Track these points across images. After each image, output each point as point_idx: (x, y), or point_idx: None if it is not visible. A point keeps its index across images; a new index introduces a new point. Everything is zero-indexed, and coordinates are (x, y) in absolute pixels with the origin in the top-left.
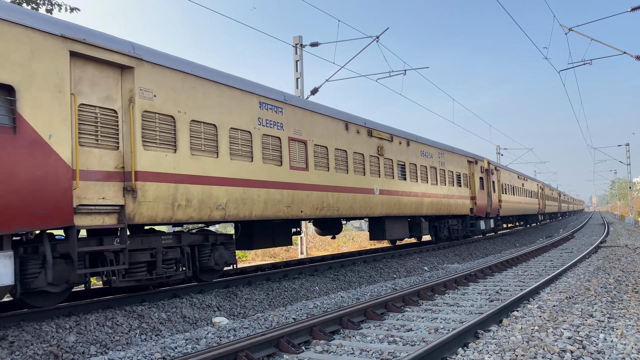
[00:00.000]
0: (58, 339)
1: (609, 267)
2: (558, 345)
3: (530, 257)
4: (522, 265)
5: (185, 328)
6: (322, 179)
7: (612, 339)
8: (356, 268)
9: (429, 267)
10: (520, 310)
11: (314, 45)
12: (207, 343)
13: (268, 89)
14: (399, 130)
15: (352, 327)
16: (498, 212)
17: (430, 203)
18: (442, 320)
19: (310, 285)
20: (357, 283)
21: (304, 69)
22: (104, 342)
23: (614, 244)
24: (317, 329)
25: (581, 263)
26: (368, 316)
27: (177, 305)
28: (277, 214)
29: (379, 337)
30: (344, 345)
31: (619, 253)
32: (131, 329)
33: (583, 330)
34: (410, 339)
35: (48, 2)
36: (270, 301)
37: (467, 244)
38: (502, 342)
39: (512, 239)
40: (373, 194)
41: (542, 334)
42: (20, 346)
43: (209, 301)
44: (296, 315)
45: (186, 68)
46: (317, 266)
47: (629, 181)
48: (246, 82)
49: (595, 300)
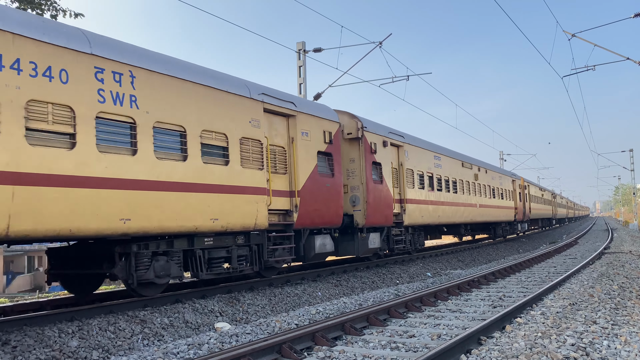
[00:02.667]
0: (60, 344)
1: (612, 273)
2: (561, 352)
3: (533, 263)
4: (525, 272)
5: (188, 333)
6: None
7: (616, 346)
8: (359, 274)
9: (432, 273)
10: (524, 317)
11: (317, 51)
12: (209, 348)
13: (436, 146)
14: (484, 163)
15: (354, 333)
16: (529, 217)
17: (497, 212)
18: (445, 327)
19: (313, 290)
20: (360, 289)
21: (307, 75)
22: (106, 347)
23: (618, 250)
24: (319, 335)
25: (585, 269)
26: (371, 322)
27: (180, 310)
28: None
29: (381, 343)
30: (347, 351)
31: (622, 259)
32: (133, 334)
33: (587, 337)
34: (413, 345)
35: (53, 8)
36: (273, 307)
37: (469, 250)
38: (505, 349)
39: (515, 245)
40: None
41: (546, 341)
42: (22, 351)
43: (211, 306)
44: (298, 321)
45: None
46: (320, 272)
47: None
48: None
49: (599, 307)
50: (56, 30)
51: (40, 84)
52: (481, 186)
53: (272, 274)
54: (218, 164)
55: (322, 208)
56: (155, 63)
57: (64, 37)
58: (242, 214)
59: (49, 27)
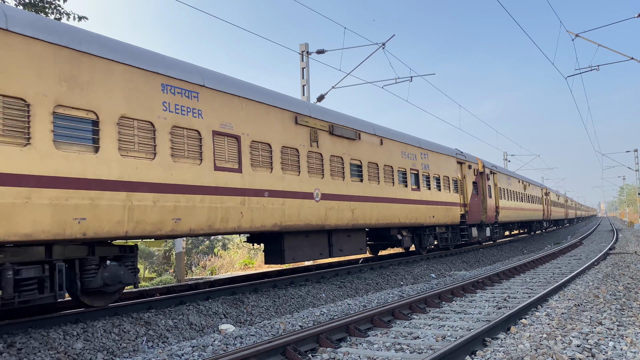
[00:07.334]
0: (65, 346)
1: (618, 274)
2: (567, 354)
3: (538, 264)
4: (530, 272)
5: (192, 335)
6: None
7: (622, 347)
8: (363, 275)
9: (436, 274)
10: (529, 318)
11: (320, 53)
12: (213, 350)
13: (508, 171)
14: (527, 178)
15: (359, 335)
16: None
17: (535, 214)
18: (450, 328)
19: (317, 292)
20: (364, 290)
21: (310, 76)
22: (111, 349)
23: (623, 250)
24: (323, 337)
25: (590, 270)
26: (375, 323)
27: (184, 312)
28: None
29: (385, 345)
30: (351, 352)
31: (628, 260)
32: (138, 336)
33: (592, 338)
34: (418, 347)
35: (56, 12)
36: (277, 308)
37: (474, 251)
38: (510, 350)
39: (519, 246)
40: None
41: (551, 342)
42: (28, 353)
43: (215, 308)
44: (303, 323)
45: None
46: (324, 273)
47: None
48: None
49: (605, 308)
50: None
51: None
52: (527, 196)
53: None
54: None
55: (476, 214)
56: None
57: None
58: (452, 216)
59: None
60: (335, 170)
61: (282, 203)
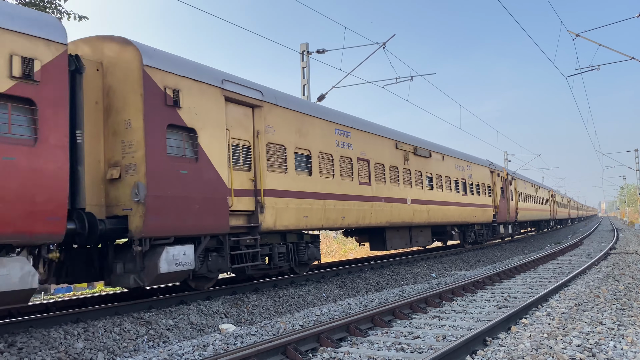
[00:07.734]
0: (66, 345)
1: (618, 274)
2: (567, 353)
3: (538, 263)
4: (530, 272)
5: (193, 335)
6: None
7: (622, 347)
8: (363, 275)
9: (437, 274)
10: (529, 318)
11: (321, 52)
12: (214, 350)
13: (534, 181)
14: (541, 184)
15: (359, 334)
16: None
17: (543, 214)
18: (450, 328)
19: (317, 292)
20: (364, 290)
21: (310, 76)
22: (111, 349)
23: (624, 250)
24: (324, 336)
25: (590, 270)
26: (375, 323)
27: (185, 311)
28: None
29: (386, 344)
30: (352, 352)
31: (628, 260)
32: (139, 335)
33: (593, 337)
34: (418, 347)
35: (57, 11)
36: (277, 308)
37: (474, 251)
38: (510, 350)
39: (520, 246)
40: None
41: (551, 342)
42: (28, 352)
43: (216, 308)
44: (303, 322)
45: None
46: (324, 273)
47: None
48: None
49: (605, 308)
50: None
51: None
52: (538, 198)
53: None
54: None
55: (503, 214)
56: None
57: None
58: (487, 216)
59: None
60: (418, 181)
61: (390, 206)
